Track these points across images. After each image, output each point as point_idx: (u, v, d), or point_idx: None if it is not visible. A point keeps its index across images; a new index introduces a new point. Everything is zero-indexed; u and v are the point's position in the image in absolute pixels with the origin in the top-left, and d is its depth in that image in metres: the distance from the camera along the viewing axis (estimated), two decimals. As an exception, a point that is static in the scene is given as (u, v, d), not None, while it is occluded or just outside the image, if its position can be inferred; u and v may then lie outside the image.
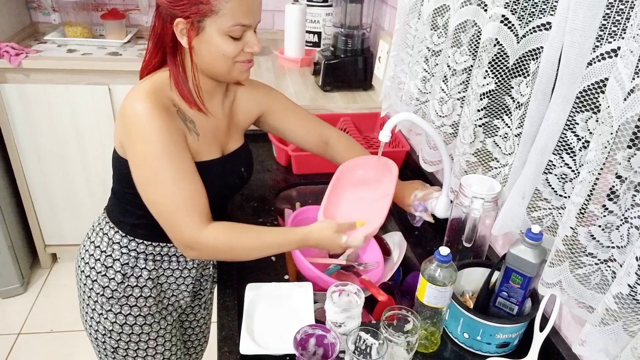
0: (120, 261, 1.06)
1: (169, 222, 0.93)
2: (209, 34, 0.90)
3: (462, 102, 1.17)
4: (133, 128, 0.90)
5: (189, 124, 0.97)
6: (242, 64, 0.97)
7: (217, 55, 0.93)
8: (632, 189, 0.71)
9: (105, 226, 1.08)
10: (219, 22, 0.89)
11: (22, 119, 2.09)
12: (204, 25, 0.90)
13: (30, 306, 2.28)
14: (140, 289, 1.08)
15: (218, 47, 0.92)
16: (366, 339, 0.83)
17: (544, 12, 0.88)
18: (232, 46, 0.92)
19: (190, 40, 0.91)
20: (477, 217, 0.97)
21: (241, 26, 0.91)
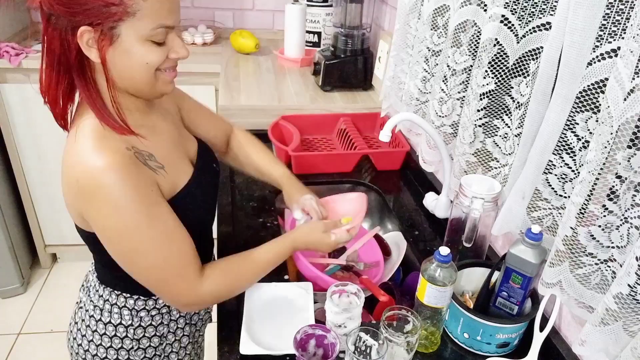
0: (154, 324, 0.97)
1: (163, 289, 0.85)
2: (126, 42, 0.74)
3: (462, 102, 1.17)
4: (95, 199, 0.75)
5: (151, 162, 0.83)
6: (166, 74, 0.82)
7: (138, 65, 0.77)
8: (632, 189, 0.71)
9: (118, 299, 0.94)
10: (137, 26, 0.73)
11: (22, 119, 2.09)
12: (119, 32, 0.73)
13: (30, 306, 2.28)
14: (178, 341, 1.03)
15: (139, 56, 0.76)
16: (366, 340, 0.83)
17: (544, 12, 0.88)
18: (156, 53, 0.77)
19: (103, 53, 0.74)
20: (477, 217, 0.97)
21: (164, 28, 0.76)
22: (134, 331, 0.96)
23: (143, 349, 0.97)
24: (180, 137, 0.97)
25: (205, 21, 2.48)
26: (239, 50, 2.25)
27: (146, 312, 0.96)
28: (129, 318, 0.95)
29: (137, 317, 0.95)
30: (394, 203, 1.42)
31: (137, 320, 0.96)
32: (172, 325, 1.00)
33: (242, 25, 2.53)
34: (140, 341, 0.97)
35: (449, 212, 1.14)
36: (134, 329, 0.96)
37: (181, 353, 1.04)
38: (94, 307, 0.96)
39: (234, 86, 1.85)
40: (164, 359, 1.01)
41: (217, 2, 2.47)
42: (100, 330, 0.96)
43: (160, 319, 0.98)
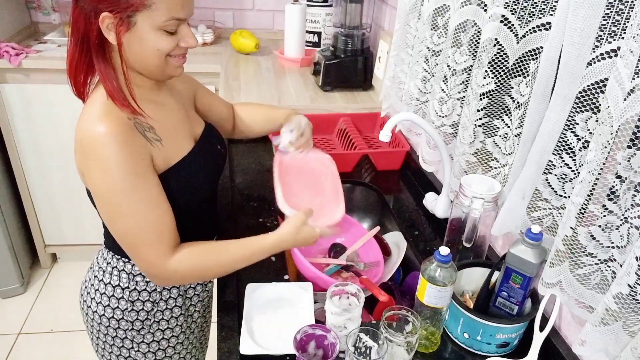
0: (148, 289, 1.03)
1: (135, 254, 0.90)
2: (141, 30, 0.83)
3: (462, 102, 1.17)
4: (92, 158, 0.85)
5: (149, 134, 0.91)
6: (175, 59, 0.91)
7: (150, 51, 0.86)
8: (632, 189, 0.71)
9: (119, 262, 1.02)
10: (152, 16, 0.82)
11: (22, 119, 2.09)
12: (135, 20, 0.82)
13: (30, 306, 2.28)
14: (170, 310, 1.07)
15: (152, 43, 0.85)
16: (366, 341, 0.83)
17: (544, 12, 0.88)
18: (167, 41, 0.86)
19: (120, 37, 0.83)
20: (477, 217, 0.97)
21: (176, 20, 0.85)
22: (130, 293, 1.02)
23: (136, 311, 1.03)
24: (187, 117, 1.04)
25: (205, 21, 2.48)
26: (239, 50, 2.25)
27: (142, 277, 1.02)
28: (126, 281, 1.02)
29: (133, 280, 1.02)
30: (394, 203, 1.42)
31: (133, 283, 1.02)
32: (164, 293, 1.05)
33: (242, 25, 2.53)
34: (135, 304, 1.03)
35: (449, 212, 1.14)
36: (130, 292, 1.02)
37: (172, 322, 1.08)
38: (98, 268, 1.05)
39: (234, 86, 1.85)
40: (154, 324, 1.06)
41: (217, 2, 2.48)
42: (102, 289, 1.04)
43: (154, 286, 1.03)
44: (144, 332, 1.06)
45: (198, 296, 1.14)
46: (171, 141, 0.95)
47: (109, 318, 1.04)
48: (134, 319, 1.04)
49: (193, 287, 1.12)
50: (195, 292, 1.13)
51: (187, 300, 1.11)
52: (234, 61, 2.14)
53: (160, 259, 0.89)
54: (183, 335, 1.12)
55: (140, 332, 1.05)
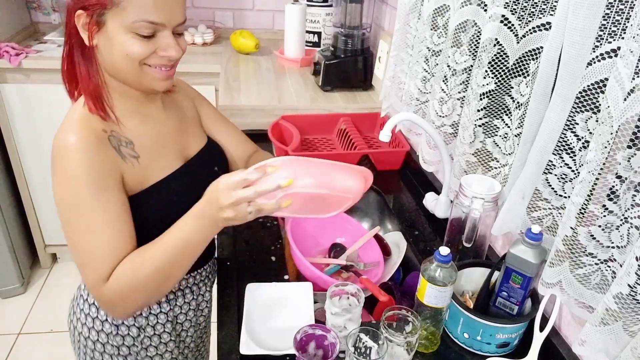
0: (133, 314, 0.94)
1: (80, 272, 0.84)
2: (111, 30, 0.78)
3: (462, 102, 1.17)
4: (55, 166, 0.82)
5: (124, 149, 0.85)
6: (154, 70, 0.83)
7: (119, 55, 0.80)
8: (632, 189, 0.71)
9: None
10: (120, 16, 0.77)
11: (22, 119, 2.09)
12: (105, 19, 0.78)
13: (30, 306, 2.28)
14: (158, 336, 1.02)
15: (120, 45, 0.79)
16: (366, 341, 0.83)
17: (544, 12, 0.88)
18: (139, 46, 0.79)
19: (92, 37, 0.79)
20: (477, 217, 0.97)
21: (148, 23, 0.78)
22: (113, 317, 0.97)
23: (122, 336, 0.98)
24: (179, 133, 0.97)
25: (205, 21, 2.48)
26: (239, 50, 2.25)
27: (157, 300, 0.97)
28: None
29: None
30: (394, 203, 1.42)
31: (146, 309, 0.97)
32: (151, 319, 1.00)
33: (242, 25, 2.53)
34: (119, 328, 0.98)
35: (449, 212, 1.14)
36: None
37: (161, 348, 1.03)
38: (84, 287, 1.00)
39: (234, 86, 1.85)
40: (142, 351, 1.01)
41: (217, 2, 2.47)
42: (86, 310, 0.98)
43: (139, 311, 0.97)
44: (130, 359, 1.01)
45: (190, 322, 1.08)
46: (152, 159, 0.89)
47: (94, 341, 0.99)
48: (119, 344, 0.99)
49: (184, 313, 1.06)
50: (187, 317, 1.07)
51: (178, 325, 1.06)
52: (234, 61, 2.14)
53: (97, 282, 0.81)
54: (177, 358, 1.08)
55: (127, 359, 1.01)
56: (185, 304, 1.05)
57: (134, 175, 0.86)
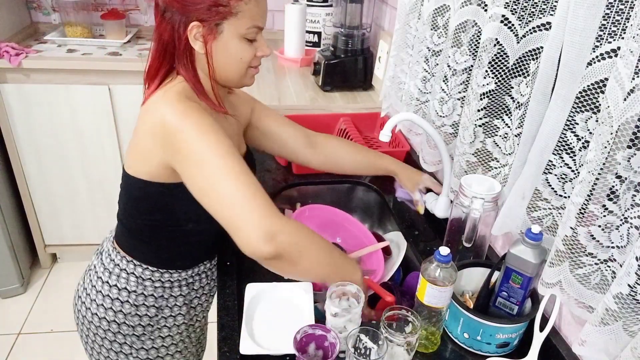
0: (155, 295, 1.03)
1: (239, 218, 0.82)
2: (226, 38, 0.87)
3: (462, 102, 1.17)
4: (183, 128, 0.83)
5: None
6: (253, 69, 0.95)
7: (233, 60, 0.90)
8: (632, 189, 0.71)
9: (128, 265, 1.02)
10: (237, 24, 0.86)
11: (22, 119, 2.09)
12: (222, 28, 0.86)
13: (30, 306, 2.28)
14: (174, 317, 1.07)
15: (235, 51, 0.89)
16: (366, 342, 0.83)
17: (544, 12, 0.88)
18: (248, 50, 0.90)
19: (208, 45, 0.87)
20: (477, 217, 0.97)
21: (257, 28, 0.89)
22: (136, 297, 1.02)
23: (140, 316, 1.03)
24: (238, 134, 1.08)
25: (205, 21, 2.48)
26: (239, 50, 2.25)
27: (151, 282, 1.02)
28: (135, 284, 1.01)
29: (141, 285, 1.01)
30: (394, 203, 1.42)
31: (141, 288, 1.01)
32: (170, 301, 1.05)
33: (242, 25, 2.53)
34: (139, 308, 1.03)
35: (449, 212, 1.14)
36: (137, 296, 1.02)
37: (174, 330, 1.08)
38: (104, 269, 1.03)
39: (234, 86, 1.85)
40: (155, 331, 1.05)
41: (217, 2, 2.47)
42: (105, 291, 1.02)
43: (162, 292, 1.03)
44: (144, 338, 1.05)
45: (201, 306, 1.14)
46: None
47: (110, 321, 1.03)
48: (135, 324, 1.03)
49: (198, 297, 1.12)
50: (200, 301, 1.13)
51: (192, 309, 1.11)
52: (234, 61, 2.14)
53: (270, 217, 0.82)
54: (182, 344, 1.12)
55: (141, 338, 1.05)
56: (200, 287, 1.11)
57: None
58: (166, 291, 1.04)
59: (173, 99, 0.86)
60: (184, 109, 0.84)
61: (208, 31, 0.86)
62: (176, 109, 0.84)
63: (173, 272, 1.04)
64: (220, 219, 0.84)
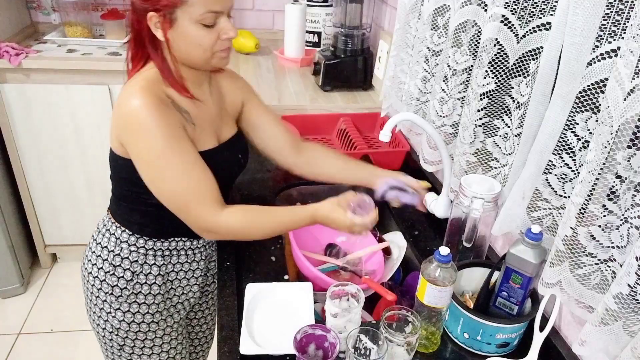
0: (130, 259, 1.07)
1: (186, 212, 0.95)
2: (182, 25, 0.91)
3: (462, 102, 1.17)
4: (133, 125, 0.91)
5: (185, 115, 0.98)
6: (221, 52, 0.97)
7: (193, 46, 0.93)
8: (632, 189, 0.71)
9: (112, 226, 1.09)
10: (189, 11, 0.89)
11: (22, 119, 2.09)
12: (176, 16, 0.90)
13: (30, 306, 2.28)
14: (149, 286, 1.09)
15: (193, 37, 0.92)
16: (365, 342, 0.83)
17: (544, 12, 0.88)
18: (207, 35, 0.93)
19: (165, 33, 0.92)
20: (477, 217, 0.97)
21: (213, 13, 0.91)
22: (114, 257, 1.08)
23: (117, 277, 1.08)
24: (218, 118, 1.08)
25: (205, 21, 2.48)
26: (239, 50, 2.25)
27: (127, 245, 1.07)
28: (113, 244, 1.08)
29: (118, 246, 1.07)
30: (394, 203, 1.42)
31: (118, 249, 1.07)
32: (145, 268, 1.09)
33: (242, 25, 2.53)
34: (116, 269, 1.08)
35: (449, 212, 1.14)
36: (114, 256, 1.08)
37: (149, 299, 1.11)
38: (97, 231, 1.13)
39: (234, 86, 1.85)
40: (131, 295, 1.09)
41: (217, 2, 2.47)
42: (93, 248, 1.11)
43: (136, 257, 1.08)
44: (121, 300, 1.09)
45: (181, 283, 1.15)
46: (200, 131, 1.01)
47: (94, 277, 1.09)
48: (114, 284, 1.08)
49: (176, 272, 1.13)
50: (178, 277, 1.14)
51: (169, 282, 1.13)
52: (234, 61, 2.14)
53: (211, 212, 0.94)
54: (163, 322, 1.14)
55: (118, 299, 1.09)
56: (178, 263, 1.13)
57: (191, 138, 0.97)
58: (140, 257, 1.08)
59: (133, 92, 0.91)
60: (137, 105, 0.90)
61: (164, 20, 0.91)
62: (131, 104, 0.91)
63: (147, 240, 1.07)
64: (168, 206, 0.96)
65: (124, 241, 1.07)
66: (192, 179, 0.94)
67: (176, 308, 1.17)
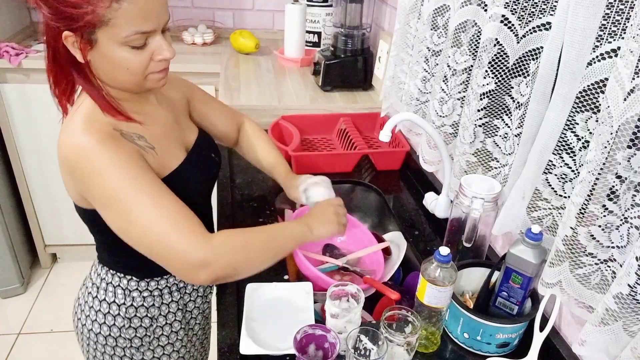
0: (145, 305, 1.00)
1: (166, 251, 0.80)
2: (104, 47, 0.77)
3: (462, 102, 1.17)
4: (84, 169, 0.79)
5: (140, 142, 0.86)
6: (154, 75, 0.84)
7: (120, 69, 0.80)
8: (632, 189, 0.71)
9: (113, 278, 0.98)
10: (112, 33, 0.75)
11: (22, 119, 2.09)
12: (96, 37, 0.76)
13: (30, 306, 2.28)
14: (170, 325, 1.05)
15: (119, 60, 0.78)
16: (365, 343, 0.83)
17: (544, 12, 0.88)
18: (136, 58, 0.79)
19: (85, 55, 0.78)
20: (477, 217, 0.97)
21: (141, 34, 0.77)
22: (126, 310, 0.99)
23: (134, 328, 1.01)
24: (177, 125, 0.99)
25: (205, 21, 2.48)
26: (239, 50, 2.25)
27: (138, 293, 0.99)
28: (122, 297, 0.99)
29: (129, 296, 0.99)
30: (394, 203, 1.42)
31: (130, 299, 0.99)
32: (163, 309, 1.03)
33: (242, 25, 2.53)
34: (132, 320, 1.00)
35: (449, 212, 1.14)
36: (126, 308, 0.99)
37: (172, 337, 1.06)
38: (92, 284, 1.01)
39: (234, 86, 1.85)
40: (153, 340, 1.04)
41: (217, 2, 2.47)
42: (97, 307, 1.00)
43: (151, 301, 1.01)
44: (143, 350, 1.03)
45: (198, 309, 1.12)
46: (164, 150, 0.90)
47: (106, 336, 1.01)
48: (132, 336, 1.01)
49: (193, 300, 1.10)
50: (196, 304, 1.11)
51: (188, 313, 1.09)
52: (234, 61, 2.14)
53: (198, 242, 0.79)
54: (184, 349, 1.11)
55: (140, 350, 1.03)
56: (193, 290, 1.09)
57: (154, 165, 0.86)
58: (156, 299, 1.01)
59: (74, 134, 0.80)
60: (82, 144, 0.78)
61: (82, 39, 0.76)
62: (75, 147, 0.79)
63: (159, 279, 1.01)
64: (148, 255, 0.82)
65: (133, 289, 0.98)
66: (165, 209, 0.79)
67: (194, 330, 1.13)
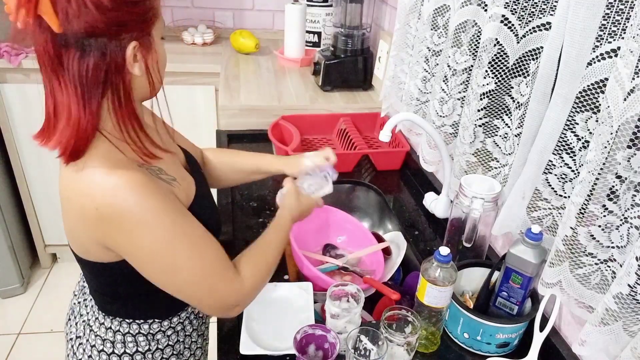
0: (170, 343, 0.93)
1: (208, 297, 0.79)
2: (156, 45, 0.75)
3: (462, 102, 1.17)
4: (124, 221, 0.71)
5: (163, 176, 0.80)
6: None
7: (163, 69, 0.79)
8: (632, 189, 0.71)
9: (130, 326, 0.89)
10: (158, 26, 0.75)
11: (22, 119, 2.09)
12: (152, 36, 0.74)
13: (30, 306, 2.28)
14: (193, 354, 0.99)
15: (163, 58, 0.79)
16: (365, 343, 0.83)
17: (544, 12, 0.88)
18: None
19: (147, 62, 0.73)
20: (477, 217, 0.97)
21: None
22: (152, 356, 0.91)
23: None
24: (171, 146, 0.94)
25: (205, 21, 2.48)
26: (239, 50, 2.25)
27: (162, 334, 0.91)
28: (146, 344, 0.90)
29: (154, 340, 0.91)
30: (394, 203, 1.42)
31: (154, 343, 0.91)
32: (187, 341, 0.97)
33: (242, 25, 2.53)
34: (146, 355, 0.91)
35: (449, 212, 1.14)
36: (152, 354, 0.91)
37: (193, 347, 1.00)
38: (102, 340, 0.89)
39: (234, 86, 1.85)
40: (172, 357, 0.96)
41: (217, 2, 2.47)
42: (99, 346, 0.89)
43: (176, 337, 0.94)
44: None
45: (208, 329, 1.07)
46: (180, 178, 0.86)
47: None
48: None
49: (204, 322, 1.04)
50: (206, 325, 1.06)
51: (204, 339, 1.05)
52: (234, 61, 2.14)
53: (235, 287, 0.81)
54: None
55: None
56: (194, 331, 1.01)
57: (180, 196, 0.82)
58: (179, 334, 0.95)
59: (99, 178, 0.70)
60: (117, 194, 0.70)
61: (141, 46, 0.71)
62: (108, 195, 0.70)
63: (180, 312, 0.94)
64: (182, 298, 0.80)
65: (156, 332, 0.90)
66: (207, 258, 0.78)
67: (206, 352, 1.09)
